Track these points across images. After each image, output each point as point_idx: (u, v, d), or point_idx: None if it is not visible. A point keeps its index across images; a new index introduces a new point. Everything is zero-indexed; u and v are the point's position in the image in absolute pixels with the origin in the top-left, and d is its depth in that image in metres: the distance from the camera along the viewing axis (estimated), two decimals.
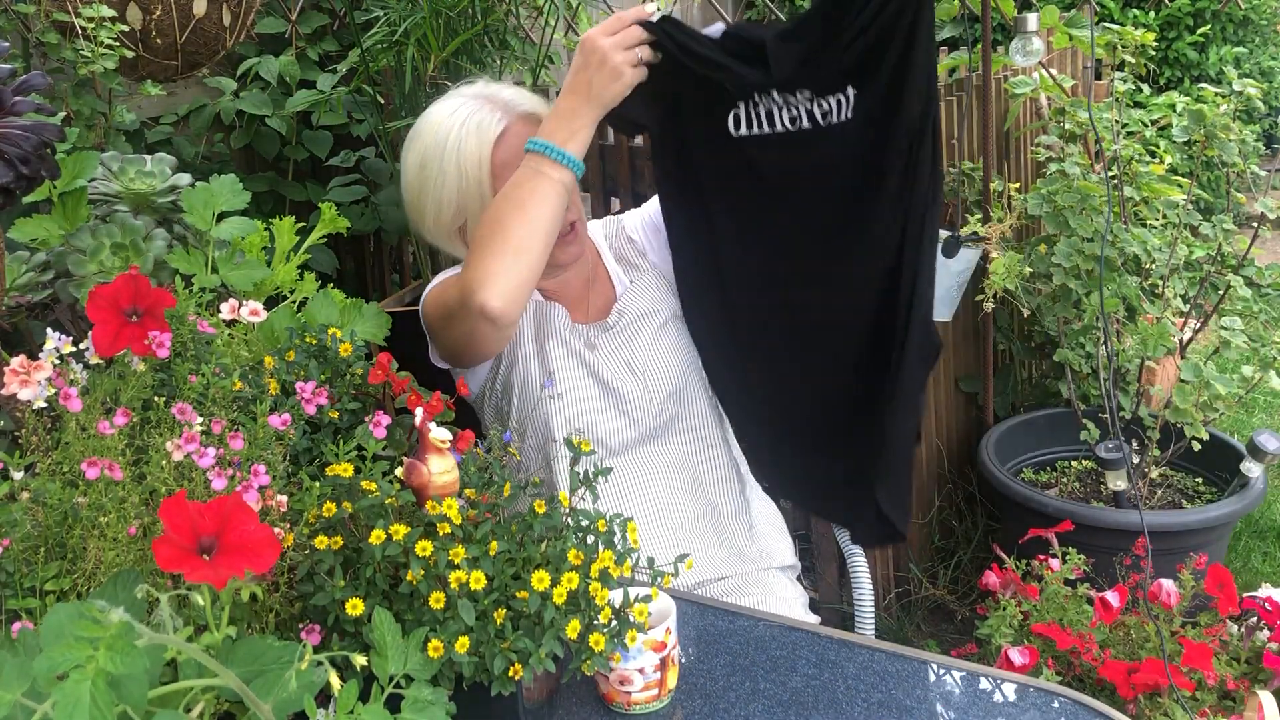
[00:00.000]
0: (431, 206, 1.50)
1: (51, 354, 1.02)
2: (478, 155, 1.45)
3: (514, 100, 1.50)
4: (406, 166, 1.52)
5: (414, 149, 1.51)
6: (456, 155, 1.46)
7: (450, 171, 1.46)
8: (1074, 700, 1.13)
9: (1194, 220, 2.65)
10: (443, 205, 1.49)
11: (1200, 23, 6.19)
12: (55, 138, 1.26)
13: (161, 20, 2.10)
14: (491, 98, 1.49)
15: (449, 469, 1.04)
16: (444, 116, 1.49)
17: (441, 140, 1.47)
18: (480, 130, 1.46)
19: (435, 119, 1.50)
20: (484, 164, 1.45)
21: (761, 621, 1.31)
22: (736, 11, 6.71)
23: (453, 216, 1.50)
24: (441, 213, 1.50)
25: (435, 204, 1.49)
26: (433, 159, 1.48)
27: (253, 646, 0.86)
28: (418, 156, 1.50)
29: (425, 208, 1.51)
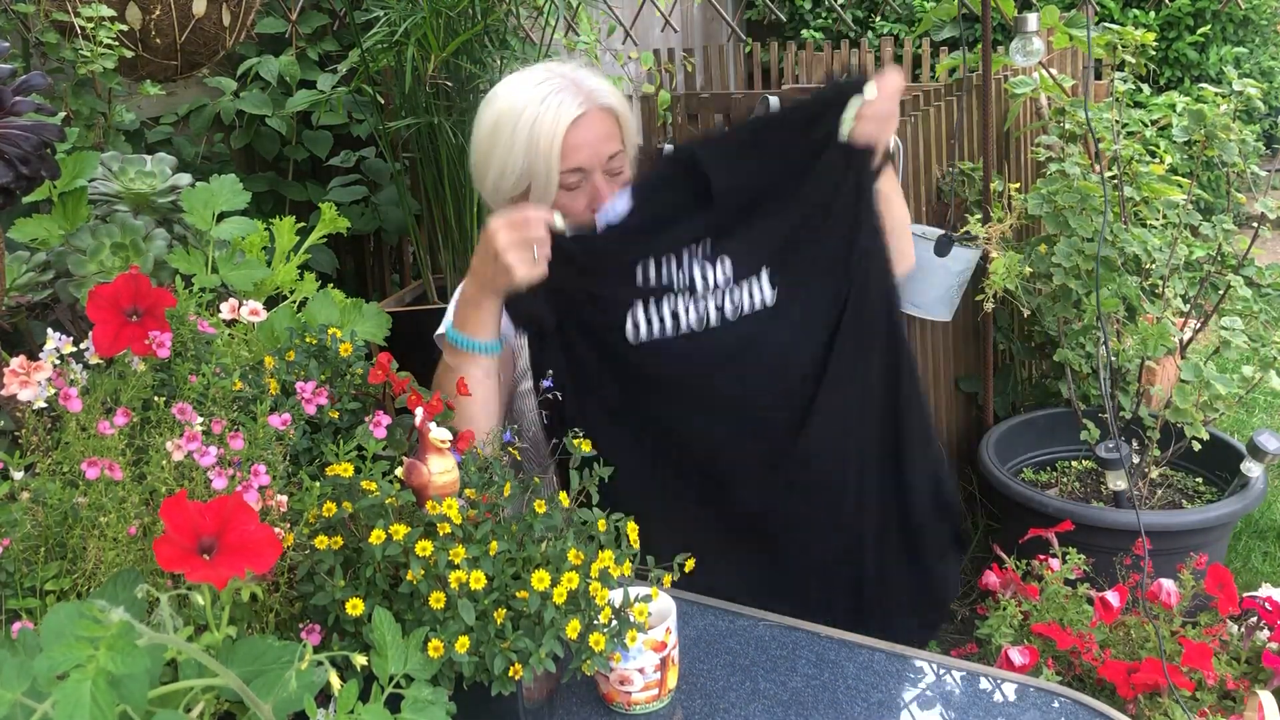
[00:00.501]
0: (495, 169, 1.50)
1: (51, 354, 1.02)
2: (552, 131, 1.44)
3: (597, 90, 1.50)
4: (480, 124, 1.52)
5: (490, 109, 1.51)
6: (531, 126, 1.45)
7: (521, 140, 1.45)
8: (1074, 700, 1.13)
9: (1194, 220, 2.66)
10: (506, 171, 1.48)
11: (1200, 23, 6.19)
12: (55, 138, 1.26)
13: (161, 20, 2.10)
14: (578, 82, 1.49)
15: (449, 469, 1.04)
16: (527, 86, 1.48)
17: (519, 108, 1.46)
18: (560, 108, 1.45)
19: (517, 86, 1.49)
20: (556, 141, 1.44)
21: (761, 621, 1.31)
22: (736, 12, 6.71)
23: (513, 184, 1.50)
24: (504, 178, 1.49)
25: (499, 168, 1.49)
26: (506, 124, 1.47)
27: (253, 646, 0.86)
28: (493, 118, 1.50)
29: (489, 169, 1.51)
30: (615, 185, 1.50)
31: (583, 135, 1.46)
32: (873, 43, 6.88)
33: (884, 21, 7.17)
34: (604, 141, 1.48)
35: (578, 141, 1.46)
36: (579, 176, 1.47)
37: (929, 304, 2.52)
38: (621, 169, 1.51)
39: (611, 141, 1.49)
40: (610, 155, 1.49)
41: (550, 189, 1.46)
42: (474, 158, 1.54)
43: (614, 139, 1.50)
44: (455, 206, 2.78)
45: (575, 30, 3.39)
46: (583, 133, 1.46)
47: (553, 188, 1.46)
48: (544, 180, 1.46)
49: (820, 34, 7.27)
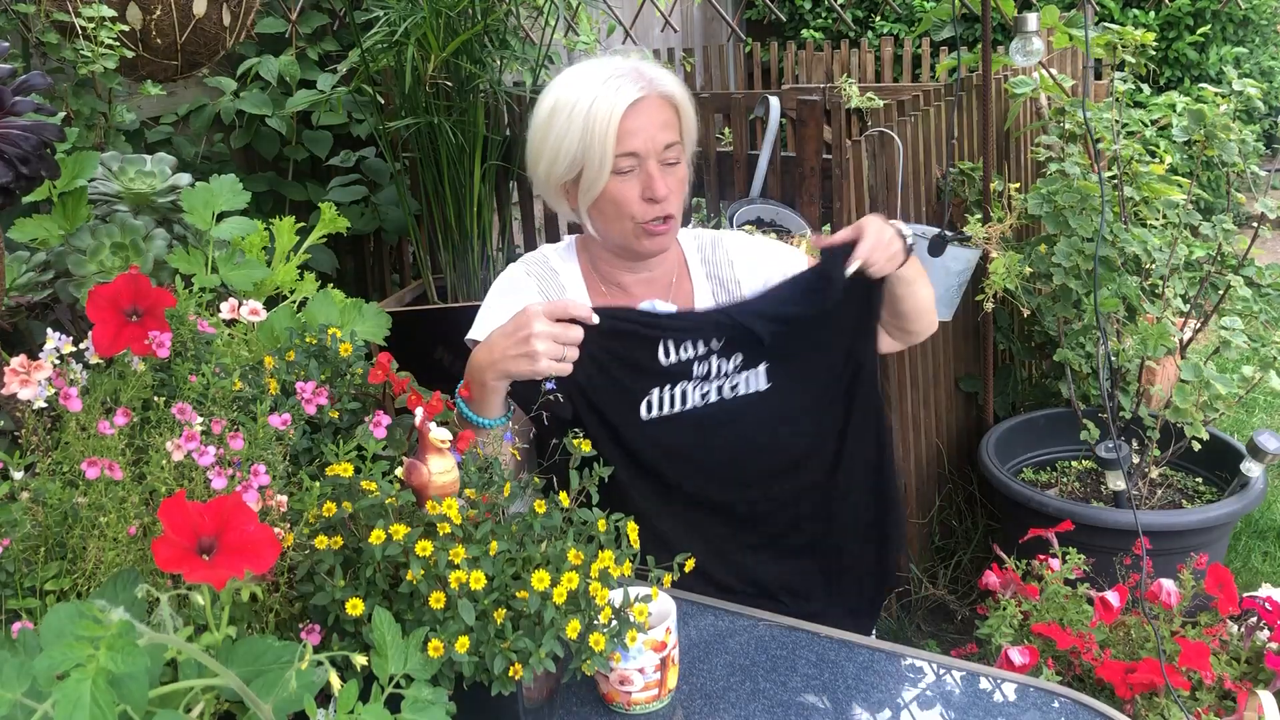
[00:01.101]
0: (549, 153, 1.49)
1: (51, 354, 1.02)
2: (609, 113, 1.43)
3: (659, 78, 1.49)
4: (538, 110, 1.52)
5: (549, 95, 1.50)
6: (589, 108, 1.44)
7: (578, 122, 1.45)
8: (1074, 700, 1.13)
9: (1194, 220, 2.65)
10: (560, 154, 1.48)
11: (1200, 23, 6.19)
12: (55, 138, 1.26)
13: (161, 20, 2.10)
14: (639, 70, 1.48)
15: (449, 469, 1.04)
16: (587, 73, 1.48)
17: (578, 92, 1.46)
18: (618, 91, 1.44)
19: (577, 73, 1.50)
20: (613, 122, 1.43)
21: (761, 621, 1.31)
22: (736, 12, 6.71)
23: (567, 168, 1.49)
24: (557, 162, 1.49)
25: (554, 152, 1.48)
26: (564, 107, 1.47)
27: (253, 646, 0.86)
28: (551, 102, 1.49)
29: (543, 153, 1.50)
30: (670, 178, 1.49)
31: (639, 120, 1.45)
32: (873, 42, 6.88)
33: (884, 21, 7.18)
34: (661, 129, 1.47)
35: (634, 126, 1.44)
36: (633, 161, 1.46)
37: None
38: (678, 160, 1.50)
39: (669, 131, 1.48)
40: (666, 144, 1.47)
41: (604, 172, 1.45)
42: (531, 144, 1.53)
43: (672, 128, 1.49)
44: (455, 206, 2.78)
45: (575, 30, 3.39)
46: (640, 117, 1.45)
47: (606, 171, 1.45)
48: (598, 163, 1.45)
49: (820, 34, 7.27)
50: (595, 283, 1.62)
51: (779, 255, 1.69)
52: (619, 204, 1.48)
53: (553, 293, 1.59)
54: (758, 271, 1.66)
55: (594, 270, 1.62)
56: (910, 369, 2.70)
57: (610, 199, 1.47)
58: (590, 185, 1.47)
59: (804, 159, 2.40)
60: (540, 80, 2.86)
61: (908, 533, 2.77)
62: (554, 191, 1.54)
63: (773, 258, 1.68)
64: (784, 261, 1.68)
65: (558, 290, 1.59)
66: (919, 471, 2.82)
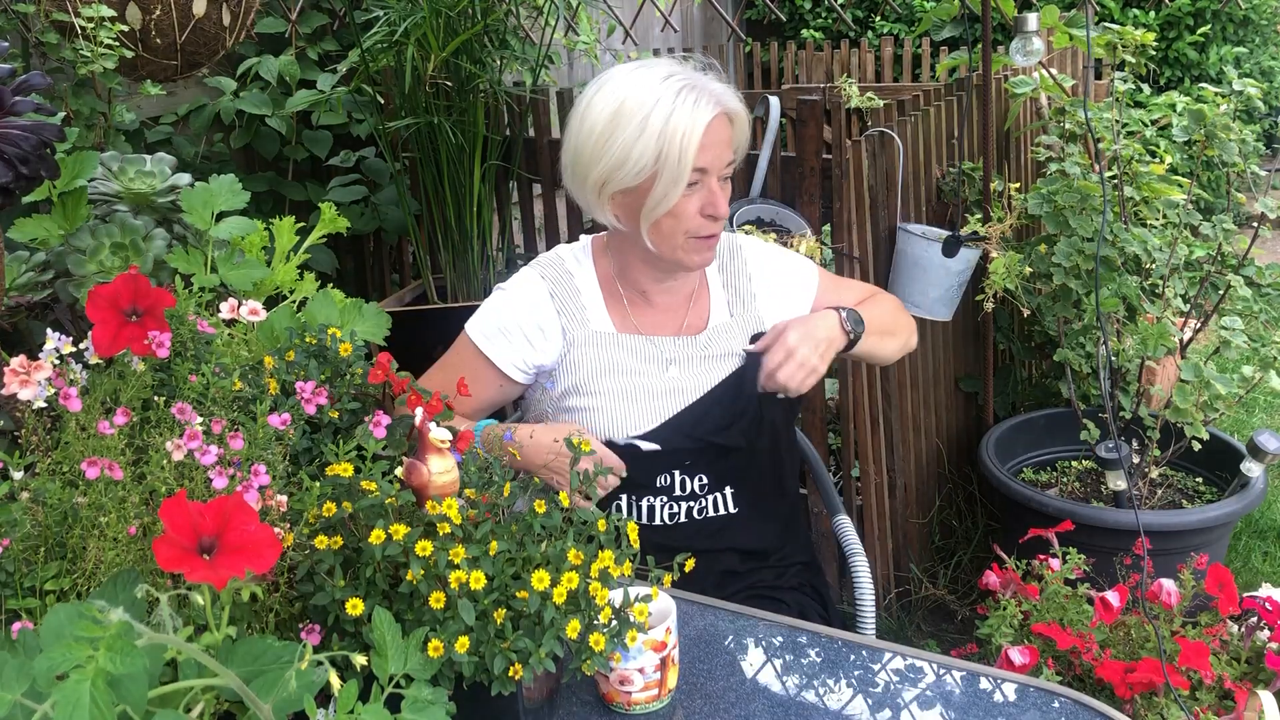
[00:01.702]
0: (612, 160, 1.46)
1: (51, 354, 1.02)
2: (690, 126, 1.43)
3: (723, 95, 1.49)
4: (594, 111, 1.47)
5: (609, 96, 1.47)
6: (667, 117, 1.42)
7: (653, 132, 1.43)
8: (1074, 700, 1.13)
9: (1194, 220, 2.65)
10: (629, 162, 1.45)
11: (1200, 23, 6.19)
12: (55, 138, 1.26)
13: (161, 20, 2.10)
14: (704, 82, 1.48)
15: (449, 469, 1.04)
16: (655, 79, 1.46)
17: (651, 98, 1.44)
18: (696, 106, 1.44)
19: (643, 77, 1.47)
20: (693, 141, 1.43)
21: (761, 621, 1.31)
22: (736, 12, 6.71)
23: (631, 176, 1.46)
24: (621, 170, 1.46)
25: (618, 155, 1.45)
26: (634, 113, 1.44)
27: (253, 646, 0.86)
28: (613, 104, 1.46)
29: (601, 157, 1.47)
30: (726, 192, 1.51)
31: (712, 136, 1.46)
32: (873, 42, 6.89)
33: (884, 21, 7.18)
34: (725, 146, 1.49)
35: (708, 141, 1.45)
36: (700, 176, 1.47)
37: (929, 304, 2.52)
38: (730, 176, 1.52)
39: (729, 147, 1.50)
40: (728, 161, 1.50)
41: (679, 187, 1.45)
42: (581, 145, 1.49)
43: (730, 144, 1.50)
44: (455, 206, 2.78)
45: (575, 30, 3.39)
46: (712, 134, 1.46)
47: (682, 185, 1.45)
48: (674, 174, 1.44)
49: (820, 34, 7.27)
50: (613, 288, 1.62)
51: (794, 271, 1.70)
52: (679, 218, 1.48)
53: (567, 296, 1.59)
54: (773, 288, 1.67)
55: (615, 276, 1.62)
56: (910, 369, 2.70)
57: (672, 214, 1.47)
58: (660, 199, 1.46)
59: (804, 159, 2.40)
60: (540, 80, 2.86)
61: (908, 533, 2.77)
62: (601, 198, 1.52)
63: (789, 274, 1.69)
64: (798, 277, 1.70)
65: (572, 294, 1.59)
66: (919, 471, 2.82)
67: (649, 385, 1.56)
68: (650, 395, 1.55)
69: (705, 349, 1.60)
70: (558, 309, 1.58)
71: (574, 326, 1.58)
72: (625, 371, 1.56)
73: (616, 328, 1.59)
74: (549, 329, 1.58)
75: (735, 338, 1.62)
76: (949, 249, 2.45)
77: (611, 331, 1.59)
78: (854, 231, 2.43)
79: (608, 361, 1.56)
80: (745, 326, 1.63)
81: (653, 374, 1.57)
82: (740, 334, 1.62)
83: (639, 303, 1.62)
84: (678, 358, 1.58)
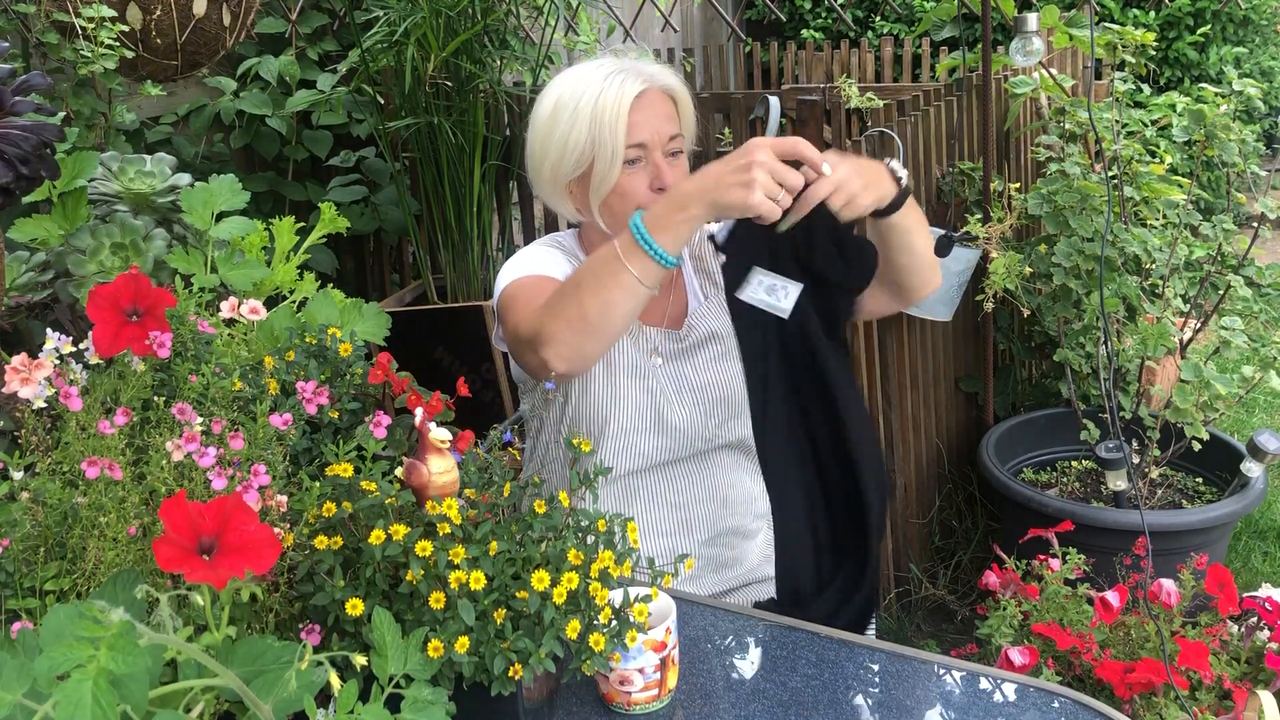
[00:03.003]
0: (555, 151, 1.50)
1: (51, 354, 1.02)
2: (616, 105, 1.46)
3: (657, 73, 1.52)
4: (538, 110, 1.53)
5: (549, 94, 1.53)
6: (595, 102, 1.46)
7: (584, 116, 1.47)
8: (1074, 700, 1.13)
9: (1194, 220, 2.65)
10: (568, 150, 1.49)
11: (1200, 23, 6.19)
12: (55, 138, 1.26)
13: (161, 20, 2.10)
14: (637, 67, 1.51)
15: (449, 469, 1.04)
16: (587, 71, 1.51)
17: (581, 89, 1.48)
18: (623, 85, 1.47)
19: (576, 71, 1.52)
20: (621, 113, 1.46)
21: (761, 621, 1.31)
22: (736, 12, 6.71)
23: (574, 164, 1.50)
24: (564, 159, 1.50)
25: (560, 149, 1.50)
26: (567, 103, 1.49)
27: (253, 646, 0.86)
28: (552, 100, 1.51)
29: (548, 152, 1.51)
30: (676, 167, 1.52)
31: (644, 112, 1.48)
32: (873, 42, 6.88)
33: (884, 21, 7.17)
34: (665, 121, 1.50)
35: (639, 118, 1.47)
36: (640, 152, 1.48)
37: (929, 304, 2.52)
38: (681, 150, 1.53)
39: (671, 123, 1.51)
40: (670, 135, 1.51)
41: (616, 163, 1.47)
42: (532, 145, 1.54)
43: (674, 120, 1.52)
44: (455, 206, 2.78)
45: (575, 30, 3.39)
46: (644, 110, 1.48)
47: (619, 161, 1.47)
48: (609, 154, 1.47)
49: (820, 34, 7.27)
50: None
51: None
52: (627, 196, 1.49)
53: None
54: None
55: None
56: (910, 369, 2.70)
57: (619, 192, 1.49)
58: (601, 179, 1.48)
59: None
60: (540, 80, 2.86)
61: (908, 533, 2.77)
62: (559, 191, 1.55)
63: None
64: None
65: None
66: (919, 471, 2.82)
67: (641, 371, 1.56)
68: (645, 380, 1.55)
69: (684, 340, 1.60)
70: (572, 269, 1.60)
71: None
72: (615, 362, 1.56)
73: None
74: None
75: (710, 318, 1.62)
76: (941, 248, 2.45)
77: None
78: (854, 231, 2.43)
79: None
80: (719, 309, 1.63)
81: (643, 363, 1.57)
82: (714, 315, 1.63)
83: None
84: (663, 352, 1.58)
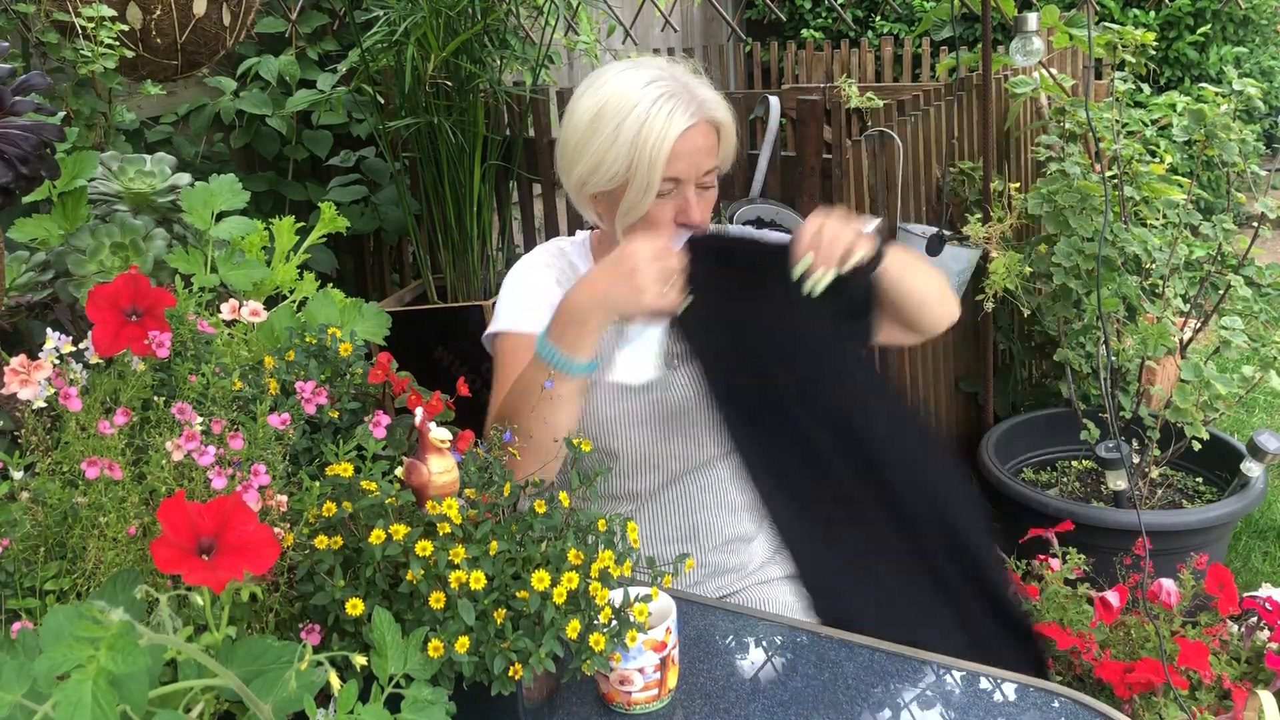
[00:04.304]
0: (588, 162, 1.45)
1: (51, 354, 1.02)
2: (661, 136, 1.40)
3: (708, 101, 1.46)
4: (578, 109, 1.47)
5: (593, 96, 1.46)
6: (639, 126, 1.41)
7: (626, 137, 1.41)
8: (1074, 700, 1.13)
9: (1194, 220, 2.65)
10: (602, 166, 1.44)
11: (1200, 22, 6.19)
12: (55, 138, 1.26)
13: (161, 20, 2.10)
14: (690, 89, 1.45)
15: (449, 469, 1.04)
16: (638, 83, 1.44)
17: (629, 103, 1.42)
18: (672, 114, 1.41)
19: (628, 80, 1.44)
20: (664, 148, 1.40)
21: (762, 621, 1.31)
22: (736, 11, 6.71)
23: (607, 181, 1.45)
24: (596, 173, 1.45)
25: (594, 162, 1.45)
26: (611, 116, 1.42)
27: (253, 646, 0.86)
28: (595, 105, 1.45)
29: (580, 158, 1.47)
30: (704, 199, 1.48)
31: (688, 145, 1.43)
32: (873, 42, 6.88)
33: (884, 21, 7.17)
34: (705, 155, 1.46)
35: (681, 150, 1.42)
36: (672, 185, 1.45)
37: None
38: (712, 184, 1.49)
39: (710, 156, 1.47)
40: (706, 170, 1.46)
41: (649, 195, 1.43)
42: (565, 140, 1.49)
43: (713, 154, 1.47)
44: (455, 206, 2.78)
45: (575, 30, 3.39)
46: (688, 143, 1.43)
47: (651, 194, 1.43)
48: (643, 185, 1.43)
49: (820, 34, 7.27)
50: None
51: None
52: (652, 224, 1.47)
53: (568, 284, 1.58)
54: None
55: None
56: (910, 369, 2.70)
57: (645, 219, 1.47)
58: (632, 206, 1.45)
59: (804, 159, 2.40)
60: (540, 80, 2.86)
61: None
62: (583, 197, 1.52)
63: None
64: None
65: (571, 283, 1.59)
66: None
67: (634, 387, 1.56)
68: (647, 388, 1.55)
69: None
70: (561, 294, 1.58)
71: None
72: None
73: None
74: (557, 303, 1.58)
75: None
76: (932, 247, 2.45)
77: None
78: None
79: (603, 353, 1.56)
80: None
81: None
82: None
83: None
84: (673, 350, 1.58)
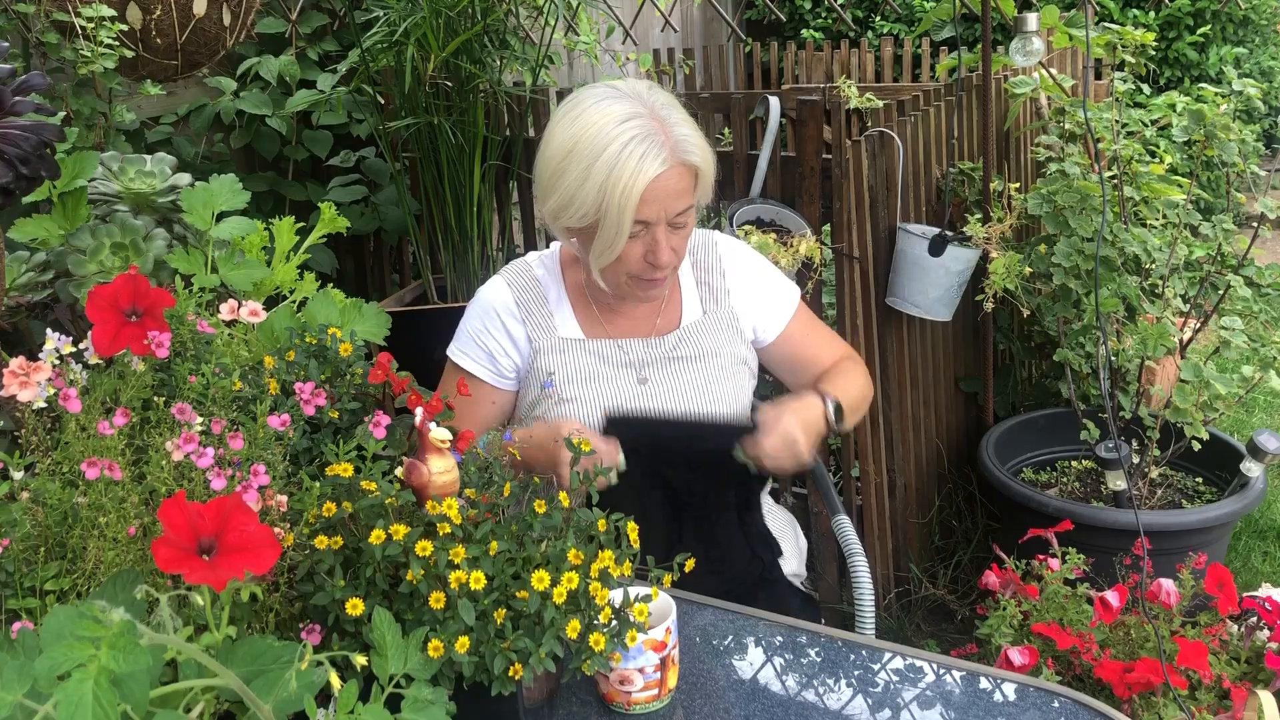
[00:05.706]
0: (559, 195, 1.45)
1: (51, 354, 1.02)
2: (630, 184, 1.39)
3: (683, 142, 1.44)
4: (552, 142, 1.46)
5: (567, 130, 1.44)
6: (609, 171, 1.40)
7: (595, 180, 1.40)
8: (1074, 700, 1.13)
9: (1194, 220, 2.65)
10: (571, 202, 1.44)
11: (1200, 23, 6.19)
12: (55, 138, 1.26)
13: (161, 20, 2.10)
14: (666, 128, 1.43)
15: (449, 469, 1.04)
16: (613, 120, 1.41)
17: (601, 144, 1.40)
18: (642, 160, 1.40)
19: (603, 115, 1.42)
20: (631, 195, 1.40)
21: (761, 621, 1.31)
22: (736, 12, 6.71)
23: (577, 220, 1.45)
24: (567, 210, 1.45)
25: (564, 195, 1.44)
26: (582, 156, 1.41)
27: (253, 646, 0.86)
28: (569, 140, 1.43)
29: (553, 190, 1.46)
30: (676, 238, 1.48)
31: (658, 191, 1.42)
32: (873, 43, 6.88)
33: (884, 21, 7.17)
34: (677, 198, 1.44)
35: (651, 196, 1.42)
36: (642, 227, 1.45)
37: (929, 304, 2.52)
38: (686, 223, 1.49)
39: (684, 198, 1.46)
40: (679, 211, 1.46)
41: (620, 240, 1.43)
42: (541, 167, 1.49)
43: (687, 195, 1.46)
44: (455, 206, 2.78)
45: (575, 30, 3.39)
46: (659, 189, 1.42)
47: (622, 239, 1.43)
48: (613, 229, 1.43)
49: (820, 34, 7.27)
50: (583, 295, 1.62)
51: (777, 286, 1.70)
52: (621, 261, 1.47)
53: (533, 304, 1.60)
54: (749, 290, 1.67)
55: (584, 287, 1.62)
56: (910, 369, 2.70)
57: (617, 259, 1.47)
58: (603, 251, 1.45)
59: (804, 159, 2.40)
60: (540, 80, 2.86)
61: (908, 533, 2.77)
62: (557, 227, 1.52)
63: (770, 285, 1.69)
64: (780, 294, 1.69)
65: (538, 301, 1.60)
66: (919, 471, 2.82)
67: (619, 390, 1.56)
68: (621, 401, 1.55)
69: (674, 350, 1.60)
70: (522, 317, 1.59)
71: (539, 334, 1.59)
72: (594, 378, 1.56)
73: (585, 334, 1.60)
74: (516, 335, 1.59)
75: (707, 335, 1.62)
76: (935, 248, 2.45)
77: (580, 338, 1.59)
78: (854, 231, 2.43)
79: (575, 368, 1.57)
80: (719, 324, 1.63)
81: (623, 379, 1.58)
82: (713, 331, 1.62)
83: (609, 309, 1.62)
84: (648, 361, 1.59)
